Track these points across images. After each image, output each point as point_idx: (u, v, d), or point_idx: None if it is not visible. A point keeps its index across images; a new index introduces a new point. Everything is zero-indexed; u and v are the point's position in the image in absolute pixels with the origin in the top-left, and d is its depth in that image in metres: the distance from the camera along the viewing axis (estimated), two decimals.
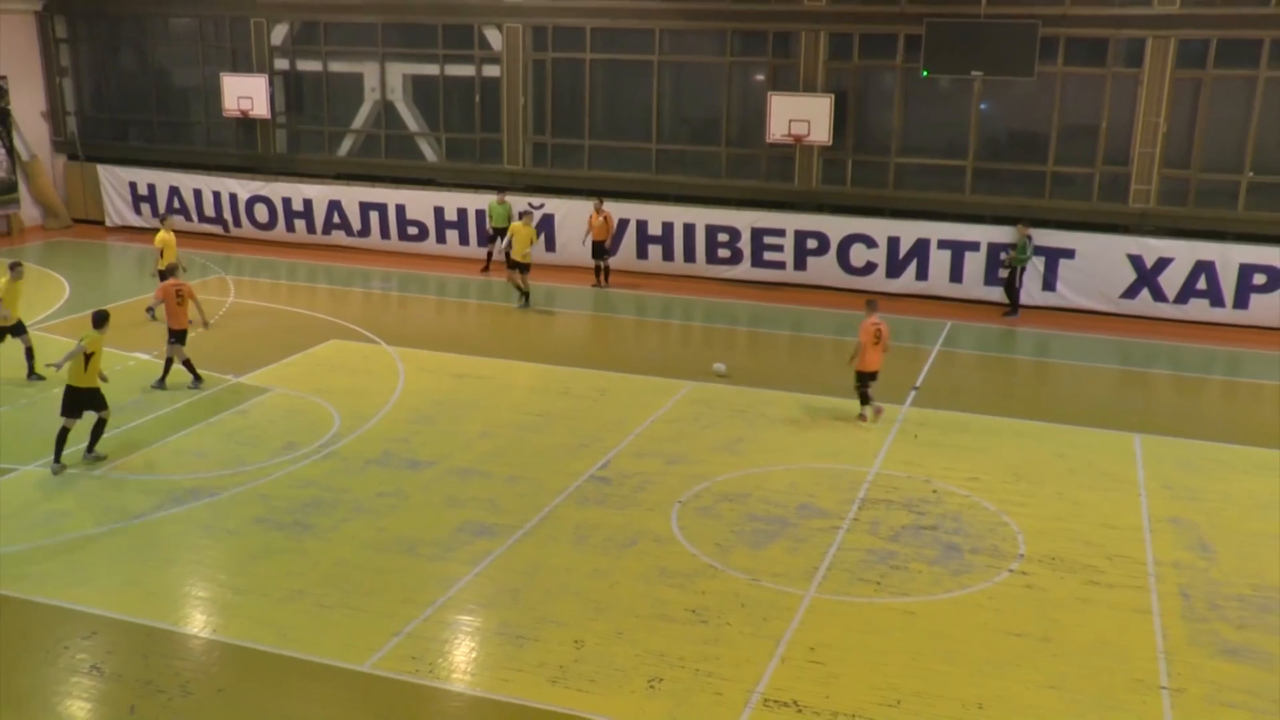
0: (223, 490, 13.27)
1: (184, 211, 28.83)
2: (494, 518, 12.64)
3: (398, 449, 14.66)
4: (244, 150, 29.32)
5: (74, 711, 9.10)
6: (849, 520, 12.78)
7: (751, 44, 25.11)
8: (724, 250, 24.85)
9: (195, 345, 17.54)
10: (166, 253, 20.26)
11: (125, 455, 14.27)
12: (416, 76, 27.83)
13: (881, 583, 11.32)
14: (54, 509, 12.66)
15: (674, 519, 12.72)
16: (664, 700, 9.25)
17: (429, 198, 26.93)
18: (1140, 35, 22.19)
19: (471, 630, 10.38)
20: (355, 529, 12.31)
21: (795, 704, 9.22)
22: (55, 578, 11.14)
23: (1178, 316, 22.15)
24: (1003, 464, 14.57)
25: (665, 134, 25.96)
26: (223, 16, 28.80)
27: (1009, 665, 9.88)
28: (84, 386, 13.80)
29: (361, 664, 9.71)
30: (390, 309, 22.98)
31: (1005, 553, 12.05)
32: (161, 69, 30.43)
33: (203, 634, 10.25)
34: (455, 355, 18.92)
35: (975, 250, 23.13)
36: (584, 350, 19.66)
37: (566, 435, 15.28)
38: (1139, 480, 14.20)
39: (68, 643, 10.00)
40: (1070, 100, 23.21)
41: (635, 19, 25.35)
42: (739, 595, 11.01)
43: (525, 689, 9.40)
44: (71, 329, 18.62)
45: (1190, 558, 12.04)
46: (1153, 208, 22.76)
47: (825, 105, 23.73)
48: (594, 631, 10.29)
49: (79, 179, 30.42)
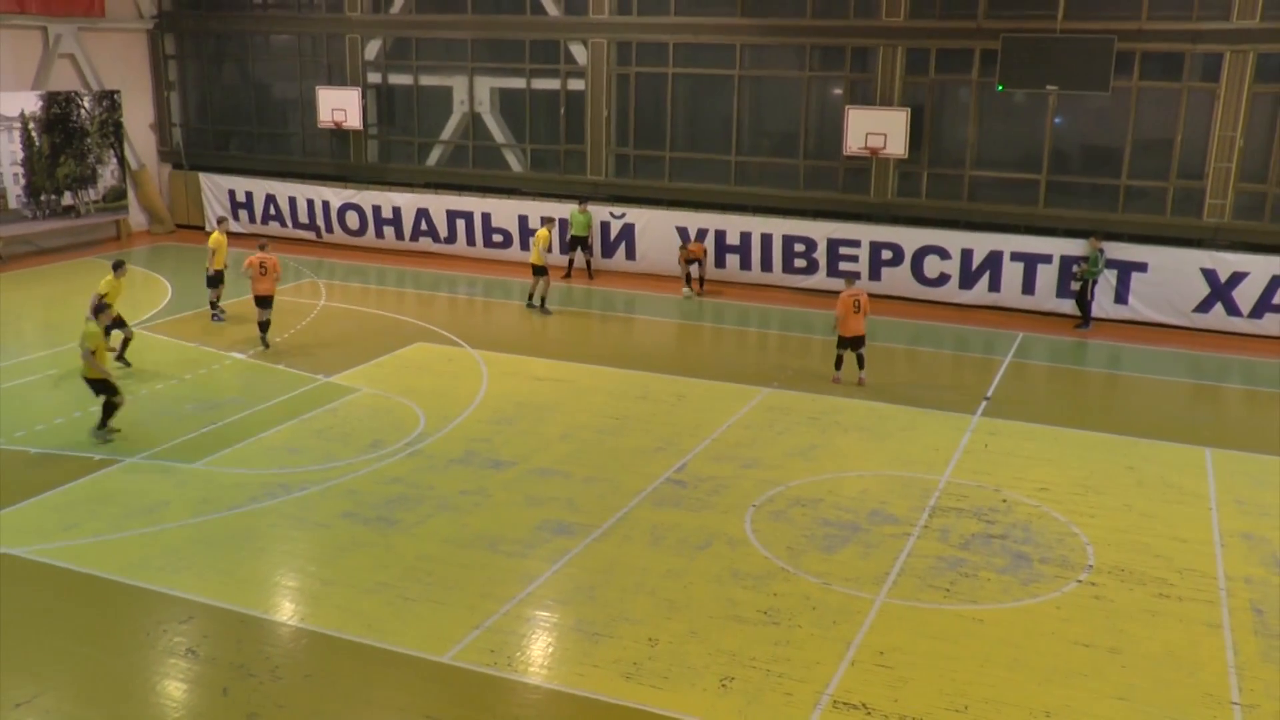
0: (312, 485, 13.66)
1: (279, 218, 29.80)
2: (572, 517, 12.90)
3: (480, 449, 14.98)
4: (337, 160, 30.17)
5: (171, 692, 9.45)
6: (919, 527, 12.86)
7: (830, 59, 25.24)
8: (800, 260, 25.01)
9: (290, 346, 18.10)
10: (219, 254, 20.97)
11: (220, 450, 14.75)
12: (503, 90, 28.42)
13: (951, 590, 11.39)
14: (155, 500, 13.13)
15: (748, 522, 12.89)
16: (735, 699, 9.38)
17: (513, 206, 27.46)
18: (1218, 50, 21.91)
19: (549, 625, 10.59)
20: (438, 525, 12.63)
21: (864, 706, 9.30)
22: (155, 565, 11.58)
23: (1252, 331, 21.80)
24: (1072, 475, 14.53)
25: (744, 146, 26.20)
26: (320, 33, 29.71)
27: (1077, 675, 9.86)
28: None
29: (442, 655, 9.94)
30: (474, 314, 23.36)
31: (1074, 563, 12.05)
32: (261, 83, 31.47)
33: (292, 622, 10.57)
34: (536, 359, 19.24)
35: (1048, 263, 22.99)
36: (662, 356, 19.85)
37: (644, 438, 15.50)
38: (1210, 495, 14.05)
39: (166, 626, 10.39)
40: (1145, 114, 22.96)
41: (717, 34, 25.64)
42: (810, 598, 11.13)
43: (600, 684, 9.57)
44: (172, 329, 19.37)
45: (1263, 573, 11.91)
46: (1227, 222, 22.43)
47: (901, 119, 23.79)
48: (668, 630, 10.45)
49: (182, 187, 31.59)
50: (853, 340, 18.00)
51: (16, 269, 26.01)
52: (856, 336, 17.97)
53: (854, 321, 17.85)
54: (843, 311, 17.79)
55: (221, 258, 21.00)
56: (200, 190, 30.97)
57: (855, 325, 17.88)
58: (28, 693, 9.37)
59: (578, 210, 25.59)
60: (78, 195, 28.52)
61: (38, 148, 27.37)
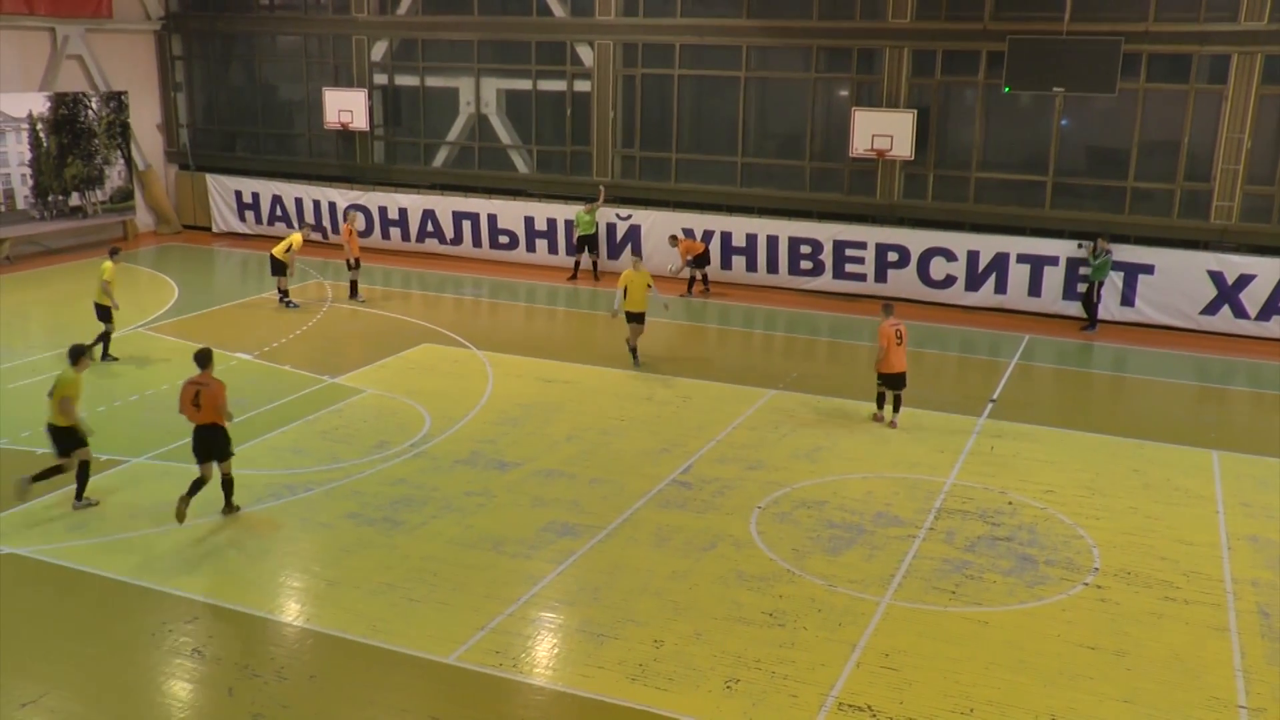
0: (317, 486, 13.70)
1: (285, 218, 29.83)
2: (577, 518, 12.92)
3: (486, 450, 15.01)
4: (343, 161, 30.22)
5: (177, 691, 9.49)
6: (925, 529, 12.86)
7: (836, 60, 25.25)
8: (806, 262, 25.00)
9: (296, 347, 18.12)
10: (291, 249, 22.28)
11: None
12: (510, 91, 28.45)
13: (956, 592, 11.39)
14: (160, 500, 13.10)
15: (753, 524, 12.90)
16: (740, 701, 9.39)
17: (520, 208, 27.49)
18: (1225, 51, 21.88)
19: (554, 627, 10.61)
20: (443, 526, 12.66)
21: (869, 709, 9.31)
22: (161, 565, 11.62)
23: (1259, 334, 21.77)
24: (1078, 478, 14.52)
25: (750, 148, 26.20)
26: (326, 34, 29.77)
27: (1082, 678, 9.86)
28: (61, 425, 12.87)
29: (447, 656, 9.97)
30: (480, 315, 23.38)
31: (1080, 566, 12.04)
32: (268, 84, 31.54)
33: (297, 622, 10.60)
34: (542, 360, 19.25)
35: (1054, 265, 22.97)
36: (667, 358, 19.87)
37: (649, 440, 15.52)
38: (1217, 497, 14.04)
39: (171, 626, 10.43)
40: (1151, 116, 22.94)
41: (723, 36, 25.64)
42: (815, 600, 11.13)
43: (605, 685, 9.59)
44: (179, 329, 19.40)
45: (1269, 576, 11.89)
46: (1234, 224, 22.39)
47: (908, 120, 23.78)
48: (673, 631, 10.46)
49: (189, 187, 31.64)
50: (896, 378, 16.22)
51: (24, 269, 26.08)
52: (900, 374, 16.19)
53: (896, 356, 16.05)
54: (885, 344, 16.00)
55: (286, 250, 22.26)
56: (207, 191, 31.01)
57: (898, 360, 16.09)
58: (33, 692, 9.39)
59: (583, 211, 25.60)
60: (85, 196, 28.61)
61: (45, 148, 27.45)
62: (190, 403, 12.49)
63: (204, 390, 12.44)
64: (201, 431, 12.56)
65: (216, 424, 12.55)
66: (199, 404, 12.45)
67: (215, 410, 12.49)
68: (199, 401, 12.44)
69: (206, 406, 12.46)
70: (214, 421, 12.53)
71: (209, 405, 12.46)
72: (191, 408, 12.50)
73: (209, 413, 12.49)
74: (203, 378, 12.57)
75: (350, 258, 23.23)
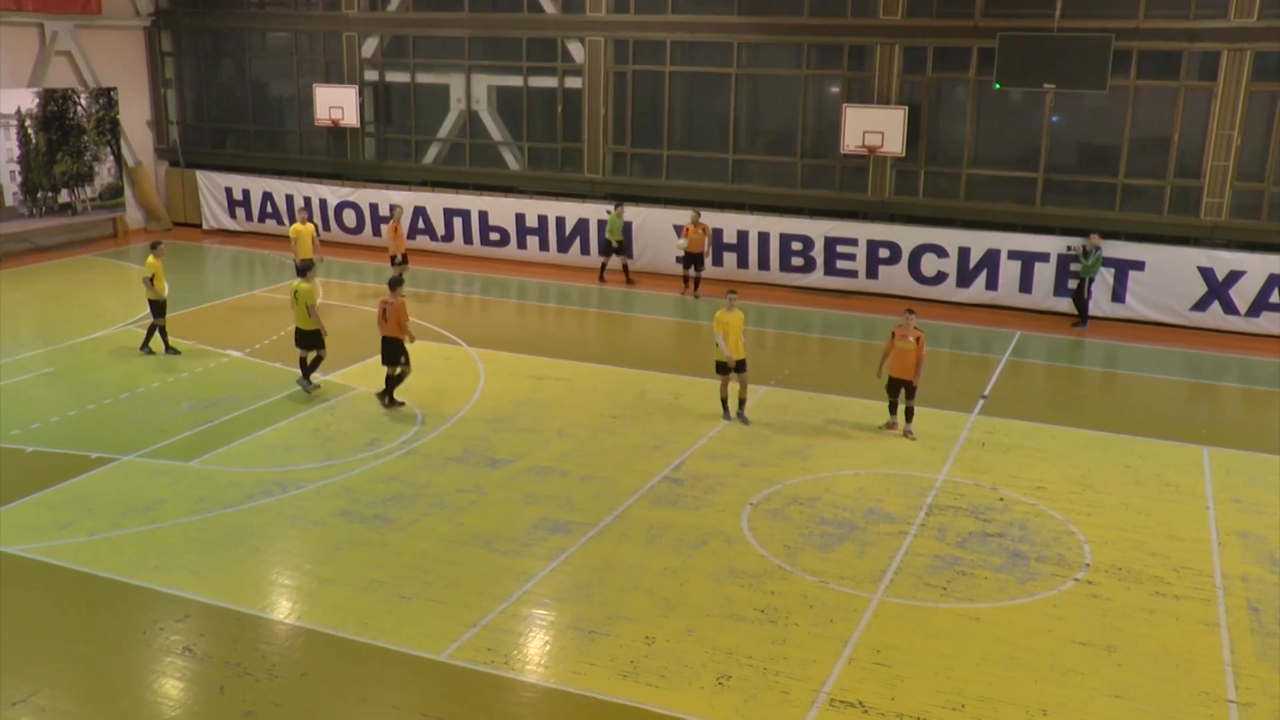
0: (309, 483, 13.68)
1: (276, 215, 29.78)
2: (569, 515, 12.92)
3: (477, 447, 15.01)
4: (334, 158, 30.15)
5: (168, 690, 9.47)
6: (916, 526, 12.88)
7: (827, 57, 25.25)
8: (797, 258, 25.02)
9: (287, 344, 18.08)
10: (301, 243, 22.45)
11: (217, 448, 14.77)
12: (501, 88, 28.41)
13: (947, 588, 11.42)
14: (151, 498, 13.14)
15: (744, 520, 12.91)
16: (732, 697, 9.41)
17: (511, 205, 27.47)
18: (1215, 48, 21.92)
19: (545, 624, 10.61)
20: (435, 523, 12.65)
21: (861, 705, 9.33)
22: (151, 563, 11.59)
23: (1249, 330, 21.85)
24: (1069, 474, 14.56)
25: (742, 144, 26.21)
26: (317, 31, 29.69)
27: (1073, 673, 9.89)
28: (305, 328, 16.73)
29: (439, 653, 9.97)
30: (472, 312, 23.39)
31: (1071, 562, 12.08)
32: (258, 81, 31.44)
33: (288, 620, 10.59)
34: (534, 357, 19.26)
35: (1045, 261, 23.03)
36: (659, 355, 19.87)
37: (641, 437, 15.53)
38: (1207, 493, 14.09)
39: (162, 625, 10.41)
40: (1142, 113, 22.98)
41: (714, 32, 25.64)
42: (807, 596, 11.15)
43: (597, 682, 9.60)
44: (170, 327, 19.28)
45: (1259, 571, 11.94)
46: (1224, 220, 22.45)
47: (899, 117, 23.80)
48: (665, 628, 10.48)
49: (179, 184, 31.57)
50: (895, 385, 15.79)
51: (13, 267, 25.99)
52: (901, 381, 15.67)
53: (898, 361, 15.56)
54: (886, 347, 15.74)
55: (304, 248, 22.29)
56: (197, 188, 30.92)
57: (899, 366, 15.58)
58: (24, 691, 9.37)
59: (614, 213, 25.36)
60: (74, 193, 28.51)
61: (34, 145, 27.34)
62: (380, 317, 16.24)
63: (390, 308, 16.09)
64: (385, 341, 16.22)
65: (397, 338, 16.03)
66: (385, 318, 16.13)
67: (398, 325, 16.05)
68: (385, 316, 16.11)
69: (391, 321, 16.10)
70: (395, 335, 16.05)
71: (393, 320, 16.08)
72: (381, 321, 16.21)
73: (393, 326, 16.11)
74: (390, 298, 16.17)
75: (396, 254, 23.63)
